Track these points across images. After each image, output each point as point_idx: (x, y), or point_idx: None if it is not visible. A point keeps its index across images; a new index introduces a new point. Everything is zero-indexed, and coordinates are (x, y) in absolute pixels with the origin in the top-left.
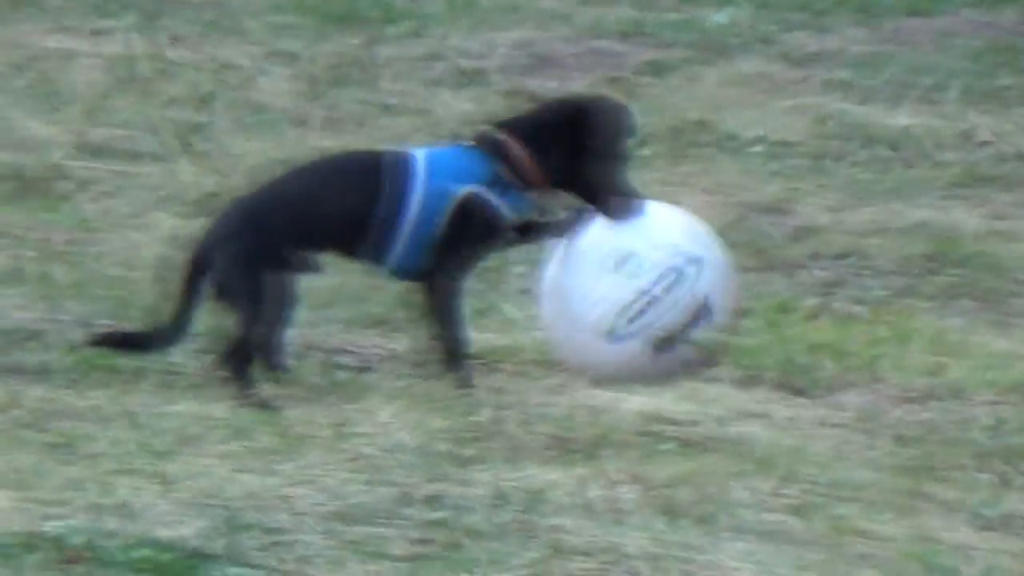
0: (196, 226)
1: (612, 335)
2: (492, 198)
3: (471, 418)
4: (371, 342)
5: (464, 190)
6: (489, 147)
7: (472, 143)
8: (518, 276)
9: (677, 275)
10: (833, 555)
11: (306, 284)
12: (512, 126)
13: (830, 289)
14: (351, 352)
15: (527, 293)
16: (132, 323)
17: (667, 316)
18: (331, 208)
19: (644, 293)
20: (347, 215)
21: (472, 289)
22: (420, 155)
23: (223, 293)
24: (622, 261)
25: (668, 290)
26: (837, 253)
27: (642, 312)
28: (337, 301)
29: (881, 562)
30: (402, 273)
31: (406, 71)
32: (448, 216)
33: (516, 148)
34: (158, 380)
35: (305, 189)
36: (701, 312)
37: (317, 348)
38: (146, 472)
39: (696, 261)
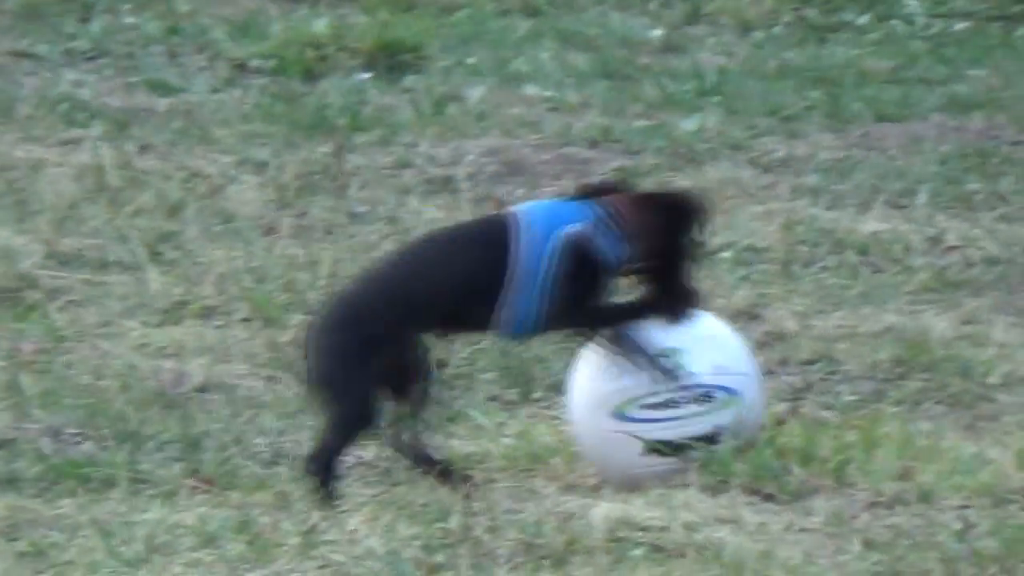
0: (165, 335)
1: (618, 414)
2: (596, 236)
3: (440, 524)
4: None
5: (563, 232)
6: (593, 194)
7: (575, 195)
8: (487, 383)
9: (705, 394)
10: None
11: (275, 393)
12: (617, 189)
13: (799, 394)
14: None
15: (495, 400)
16: (102, 434)
17: (673, 426)
18: (456, 279)
19: (668, 392)
20: (470, 283)
21: (439, 396)
22: (523, 211)
23: (323, 387)
24: (661, 354)
25: (689, 404)
26: (806, 358)
27: (654, 406)
28: (307, 408)
29: None
30: (518, 329)
31: (375, 179)
32: (557, 258)
33: (620, 200)
34: (127, 488)
35: (425, 264)
36: (705, 438)
37: (287, 455)
38: None
39: (729, 391)
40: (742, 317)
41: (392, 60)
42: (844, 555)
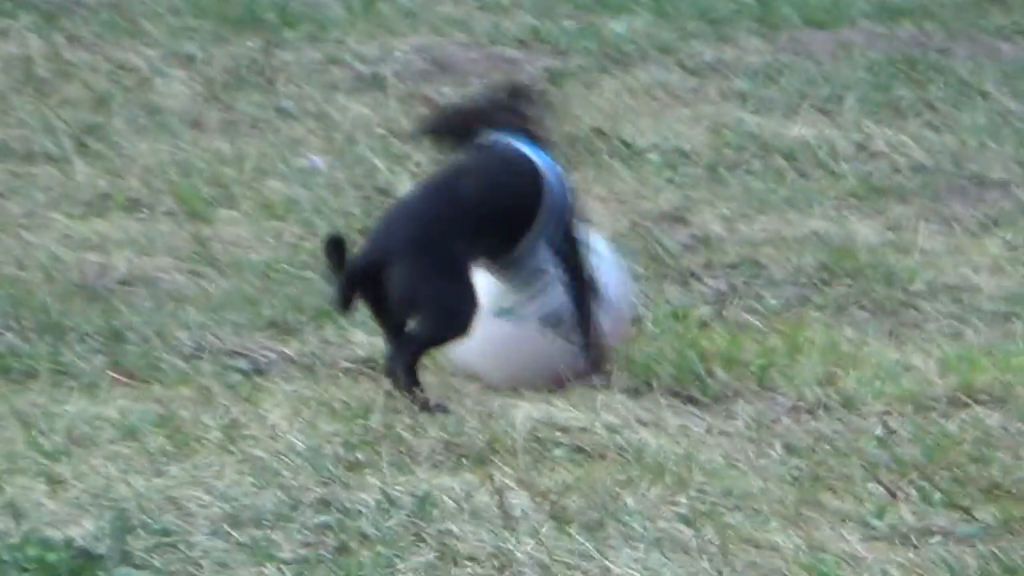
0: (89, 228)
1: (509, 312)
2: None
3: (361, 422)
4: (263, 344)
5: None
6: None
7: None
8: None
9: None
10: (722, 564)
11: (199, 287)
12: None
13: (723, 298)
14: (242, 355)
15: None
16: (24, 325)
17: (556, 291)
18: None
19: (534, 272)
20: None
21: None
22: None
23: (406, 303)
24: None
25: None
26: (731, 262)
27: (541, 292)
28: (230, 304)
29: (769, 571)
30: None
31: (303, 75)
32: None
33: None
34: (49, 380)
35: (483, 190)
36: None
37: (209, 350)
38: (34, 471)
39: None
40: (667, 219)
41: None
42: (765, 459)
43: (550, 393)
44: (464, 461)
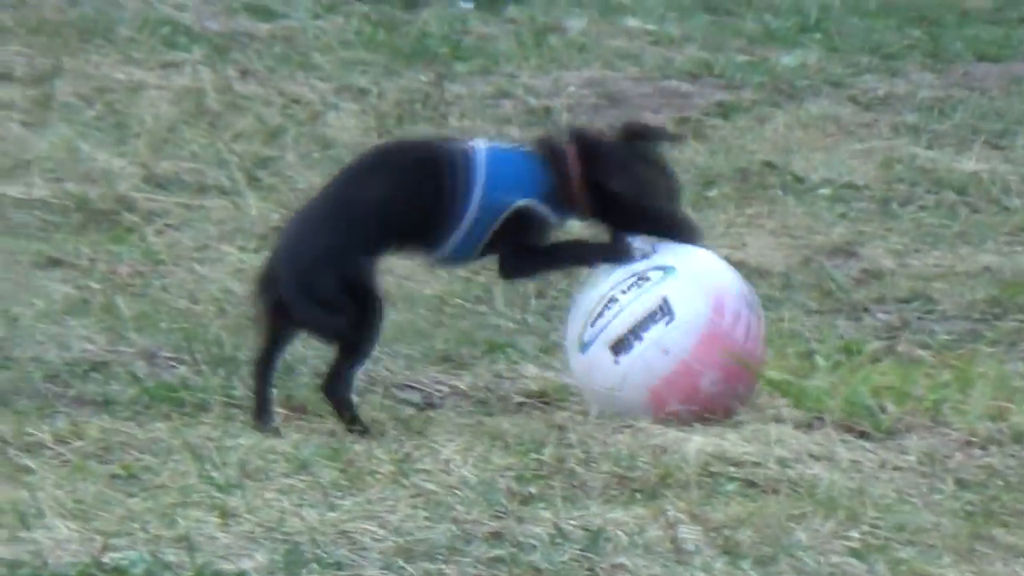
0: (262, 260)
1: (582, 345)
2: (546, 211)
3: (533, 455)
4: (435, 378)
5: (520, 202)
6: (547, 158)
7: (535, 148)
8: None
9: (638, 279)
10: None
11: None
12: (580, 140)
13: (894, 332)
14: (415, 388)
15: None
16: (197, 358)
17: (621, 315)
18: (401, 208)
19: (603, 297)
20: (416, 214)
21: (536, 327)
22: (482, 155)
23: (304, 320)
24: (598, 275)
25: (626, 292)
26: (902, 297)
27: (600, 315)
28: (401, 337)
29: None
30: (451, 263)
31: (475, 108)
32: (501, 223)
33: (575, 166)
34: (221, 412)
35: (373, 191)
36: (658, 311)
37: (381, 383)
38: (207, 505)
39: (663, 268)
40: (839, 254)
41: None
42: (937, 494)
43: (722, 427)
44: (636, 495)
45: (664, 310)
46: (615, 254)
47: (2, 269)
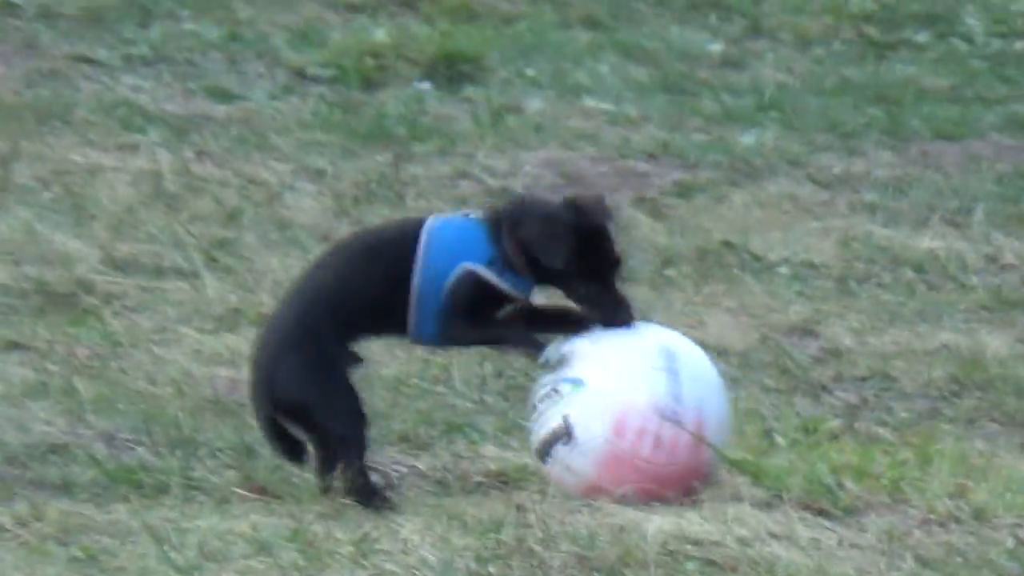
0: (220, 342)
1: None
2: (491, 275)
3: (493, 535)
4: (393, 458)
5: (462, 267)
6: (493, 226)
7: (483, 217)
8: None
9: (552, 390)
10: None
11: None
12: (514, 210)
13: (853, 410)
14: (374, 468)
15: None
16: (156, 440)
17: (537, 426)
18: (367, 292)
19: (531, 400)
20: (380, 296)
21: (495, 407)
22: (430, 227)
23: (297, 413)
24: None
25: (541, 401)
26: (861, 375)
27: (529, 418)
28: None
29: None
30: (425, 340)
31: (433, 189)
32: (449, 289)
33: (507, 234)
34: (180, 495)
35: (342, 277)
36: (561, 431)
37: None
38: None
39: (574, 381)
40: (797, 332)
41: (452, 70)
42: (897, 572)
43: (681, 506)
44: (596, 575)
45: (565, 431)
46: (523, 347)
47: None
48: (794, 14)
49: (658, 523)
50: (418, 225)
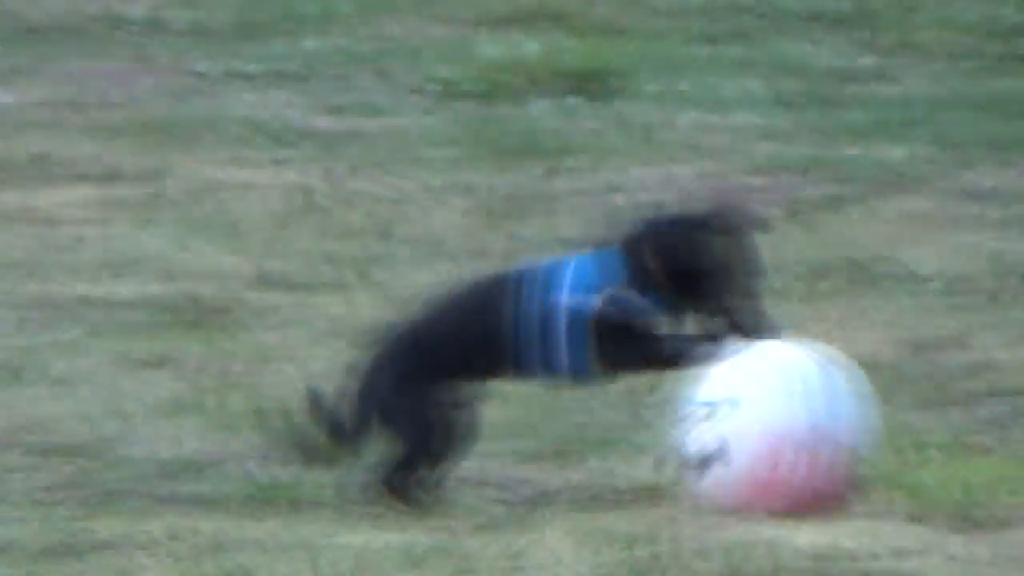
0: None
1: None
2: (635, 297)
3: (648, 548)
4: (547, 473)
5: (605, 293)
6: (627, 250)
7: (614, 244)
8: None
9: (708, 408)
10: None
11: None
12: (651, 229)
13: (1006, 424)
14: (527, 483)
15: None
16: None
17: (689, 446)
18: (472, 332)
19: (683, 421)
20: (485, 338)
21: (649, 421)
22: (568, 265)
23: (385, 420)
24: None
25: (697, 420)
26: (1014, 388)
27: (682, 436)
28: (512, 432)
29: None
30: (575, 378)
31: (585, 203)
32: (594, 318)
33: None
34: (335, 509)
35: (449, 319)
36: (714, 452)
37: (492, 479)
38: None
39: (731, 402)
40: (949, 346)
41: (601, 85)
42: None
43: (833, 520)
44: None
45: (721, 450)
46: (681, 358)
47: (114, 368)
48: (944, 28)
49: (810, 536)
50: (519, 271)
